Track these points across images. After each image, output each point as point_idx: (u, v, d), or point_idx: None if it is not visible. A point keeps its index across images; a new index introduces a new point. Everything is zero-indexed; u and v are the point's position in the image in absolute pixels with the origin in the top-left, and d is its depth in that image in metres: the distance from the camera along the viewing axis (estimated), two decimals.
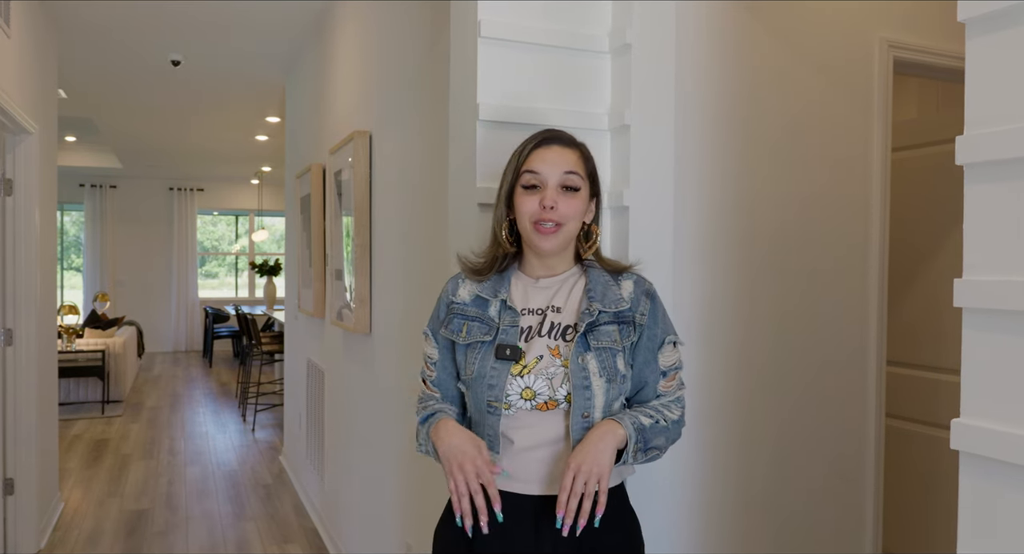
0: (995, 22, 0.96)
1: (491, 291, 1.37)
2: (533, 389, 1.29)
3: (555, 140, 1.35)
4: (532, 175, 1.33)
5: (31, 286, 3.55)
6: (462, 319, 1.37)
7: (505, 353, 1.30)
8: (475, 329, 1.35)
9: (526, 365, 1.30)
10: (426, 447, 1.35)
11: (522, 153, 1.35)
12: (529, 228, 1.33)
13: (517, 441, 1.30)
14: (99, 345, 7.07)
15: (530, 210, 1.32)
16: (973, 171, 0.99)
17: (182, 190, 11.29)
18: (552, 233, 1.32)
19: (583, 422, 1.28)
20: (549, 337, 1.33)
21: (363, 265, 3.06)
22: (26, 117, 3.39)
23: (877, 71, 2.33)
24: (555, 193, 1.31)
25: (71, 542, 3.84)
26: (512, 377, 1.29)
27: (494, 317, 1.35)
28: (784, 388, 2.20)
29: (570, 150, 1.35)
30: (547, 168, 1.32)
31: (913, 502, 2.95)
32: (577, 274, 1.40)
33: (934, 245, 2.92)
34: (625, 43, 1.74)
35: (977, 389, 0.98)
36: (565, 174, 1.32)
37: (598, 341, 1.30)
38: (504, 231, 1.38)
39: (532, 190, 1.33)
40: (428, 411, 1.38)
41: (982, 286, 0.96)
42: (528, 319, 1.35)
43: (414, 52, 2.55)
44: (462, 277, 1.42)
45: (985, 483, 0.96)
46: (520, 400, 1.29)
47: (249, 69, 5.24)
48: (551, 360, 1.30)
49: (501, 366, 1.30)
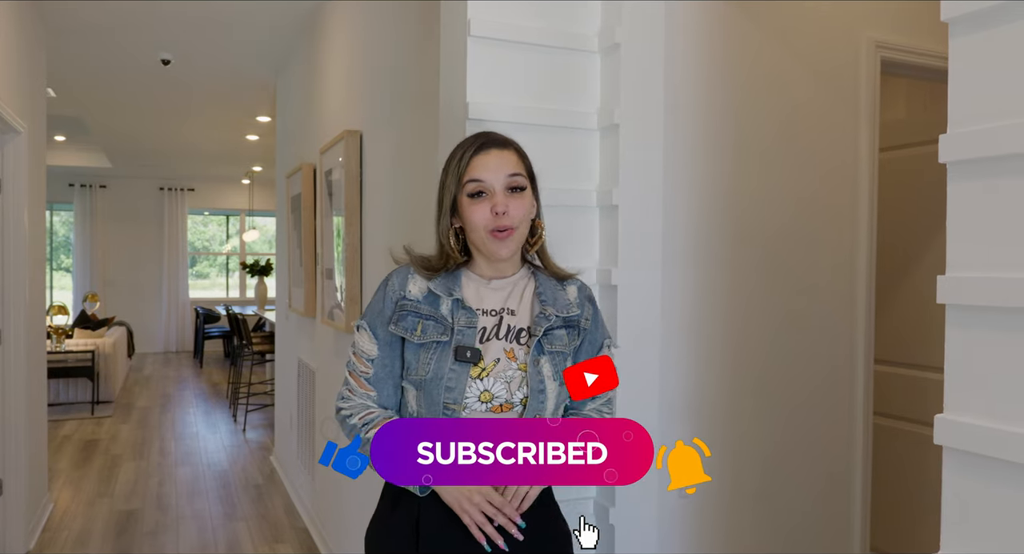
0: (978, 22, 0.97)
1: (443, 288, 1.34)
2: (491, 392, 1.29)
3: (491, 144, 1.33)
4: (477, 183, 1.30)
5: (20, 286, 3.52)
6: (416, 317, 1.32)
7: (465, 355, 1.28)
8: (430, 328, 1.31)
9: (484, 368, 1.30)
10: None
11: (461, 161, 1.32)
12: (485, 237, 1.31)
13: None
14: (89, 345, 7.03)
15: (482, 219, 1.30)
16: (956, 169, 1.00)
17: (172, 190, 11.24)
18: (508, 237, 1.31)
19: None
20: (505, 340, 1.33)
21: (354, 265, 3.06)
22: (14, 116, 3.37)
23: (864, 71, 2.34)
24: (503, 197, 1.30)
25: (60, 543, 3.82)
26: (471, 380, 1.29)
27: (447, 316, 1.32)
28: (772, 388, 2.21)
29: (508, 152, 1.34)
30: (490, 174, 1.31)
31: (901, 499, 2.97)
32: (526, 276, 1.41)
33: (923, 243, 2.94)
34: (614, 43, 1.75)
35: (960, 385, 0.99)
36: (509, 177, 1.31)
37: (551, 345, 1.33)
38: (451, 241, 1.35)
39: (479, 198, 1.30)
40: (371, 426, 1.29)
41: (964, 283, 0.98)
42: (484, 320, 1.34)
43: (404, 51, 2.56)
44: (411, 272, 1.37)
45: (968, 478, 0.97)
46: (477, 403, 1.29)
47: (240, 68, 5.23)
48: (507, 363, 1.31)
49: (460, 368, 1.28)
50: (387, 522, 1.35)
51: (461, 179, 1.32)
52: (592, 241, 1.82)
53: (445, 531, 1.28)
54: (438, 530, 1.28)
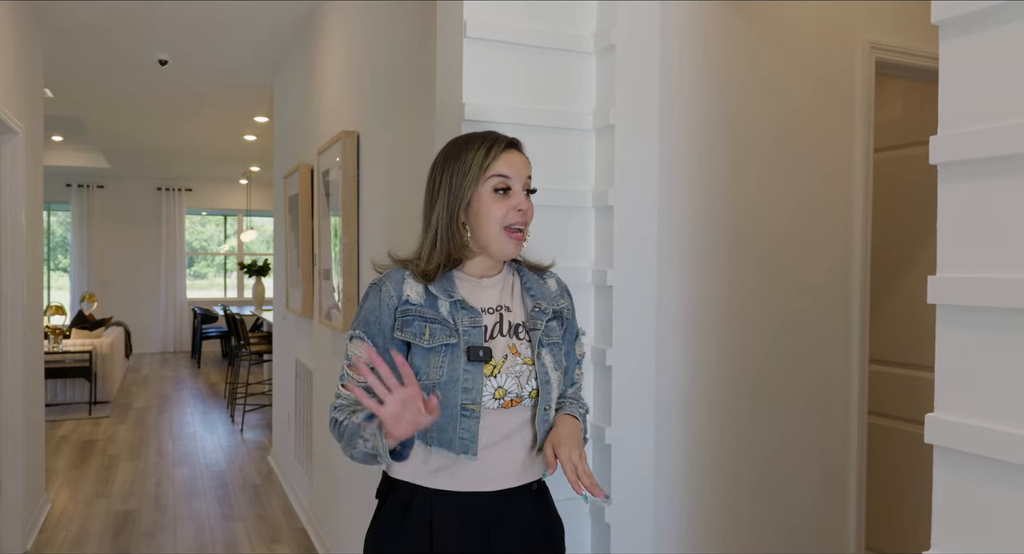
0: (968, 24, 0.98)
1: (442, 290, 1.33)
2: (504, 388, 1.32)
3: (515, 145, 1.37)
4: (504, 179, 1.32)
5: (17, 287, 3.53)
6: (422, 321, 1.30)
7: (478, 355, 1.29)
8: (438, 331, 1.30)
9: (496, 365, 1.32)
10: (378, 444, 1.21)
11: (487, 156, 1.31)
12: (498, 232, 1.32)
13: (482, 439, 1.32)
14: (86, 346, 7.03)
15: (502, 214, 1.31)
16: (946, 171, 1.01)
17: (170, 190, 11.23)
18: (522, 238, 1.35)
19: (545, 414, 1.35)
20: (507, 336, 1.36)
21: (351, 265, 3.06)
22: (11, 116, 3.38)
23: (859, 72, 2.35)
24: (523, 197, 1.34)
25: (58, 543, 3.82)
26: (486, 378, 1.31)
27: (448, 317, 1.31)
28: (769, 388, 2.22)
29: (524, 155, 1.39)
30: (514, 172, 1.33)
31: (895, 498, 2.98)
32: (510, 273, 1.44)
33: (917, 243, 2.95)
34: (610, 44, 1.75)
35: (950, 384, 1.00)
36: (528, 179, 1.37)
37: (548, 337, 1.38)
38: (467, 236, 1.33)
39: (503, 194, 1.32)
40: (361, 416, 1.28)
41: (954, 283, 0.98)
42: (486, 319, 1.36)
43: (401, 52, 2.56)
44: (405, 276, 1.34)
45: (958, 476, 0.98)
46: (492, 400, 1.31)
47: (237, 69, 5.23)
48: (514, 359, 1.34)
49: (474, 368, 1.29)
50: (395, 524, 1.34)
51: (485, 173, 1.31)
52: (588, 241, 1.83)
53: (459, 528, 1.31)
54: (452, 528, 1.31)
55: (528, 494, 1.38)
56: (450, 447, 1.30)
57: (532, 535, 1.37)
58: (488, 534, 1.32)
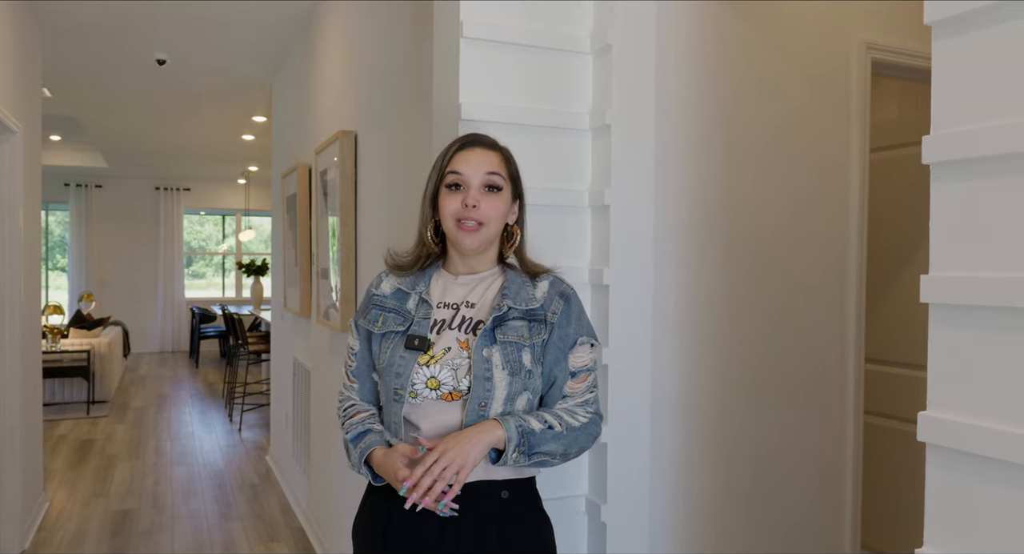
0: (961, 25, 0.99)
1: (411, 285, 1.44)
2: (438, 379, 1.34)
3: (477, 143, 1.41)
4: (455, 175, 1.38)
5: (15, 286, 3.53)
6: (379, 310, 1.43)
7: (414, 343, 1.36)
8: (390, 319, 1.41)
9: (433, 356, 1.35)
10: (358, 469, 1.39)
11: (446, 156, 1.40)
12: (452, 226, 1.38)
13: (424, 430, 1.34)
14: (84, 345, 7.02)
15: (453, 209, 1.37)
16: (939, 170, 1.01)
17: (168, 190, 11.23)
18: (474, 231, 1.37)
19: (479, 411, 1.32)
20: (459, 330, 1.38)
21: (348, 265, 3.07)
22: (10, 116, 3.38)
23: (855, 72, 2.36)
24: (478, 193, 1.37)
25: (56, 542, 3.82)
26: (419, 366, 1.34)
27: (411, 310, 1.41)
28: (765, 388, 2.22)
29: (492, 152, 1.41)
30: (470, 169, 1.38)
31: (891, 497, 2.99)
32: (497, 274, 1.45)
33: (913, 243, 2.95)
34: (607, 44, 1.76)
35: (943, 383, 1.00)
36: (487, 175, 1.38)
37: (505, 335, 1.35)
38: (429, 231, 1.43)
39: (455, 190, 1.38)
40: (357, 430, 1.41)
41: (947, 282, 0.99)
42: (441, 312, 1.40)
43: (398, 52, 2.57)
44: (386, 272, 1.48)
45: (950, 474, 0.98)
46: (426, 389, 1.34)
47: (235, 68, 5.23)
48: (458, 352, 1.35)
49: (409, 355, 1.35)
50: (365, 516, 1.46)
51: (443, 171, 1.40)
52: (584, 241, 1.83)
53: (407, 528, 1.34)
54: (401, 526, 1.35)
55: (490, 495, 1.34)
56: (391, 432, 1.38)
57: (490, 536, 1.33)
58: (441, 532, 1.32)
